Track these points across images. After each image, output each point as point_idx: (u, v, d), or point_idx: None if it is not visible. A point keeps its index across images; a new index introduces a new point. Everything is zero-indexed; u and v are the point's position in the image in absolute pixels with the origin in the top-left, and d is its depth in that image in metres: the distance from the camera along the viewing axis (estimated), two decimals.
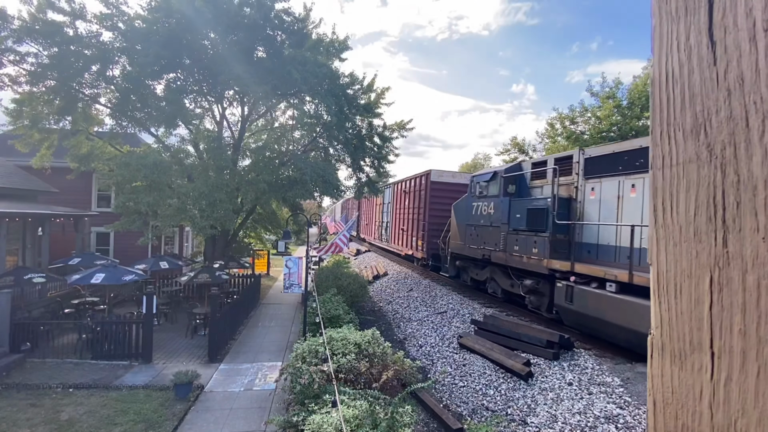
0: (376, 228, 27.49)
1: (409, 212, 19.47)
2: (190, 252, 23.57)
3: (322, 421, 5.26)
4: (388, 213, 24.04)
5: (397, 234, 21.69)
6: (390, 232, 23.28)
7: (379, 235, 26.27)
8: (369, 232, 30.62)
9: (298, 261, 11.16)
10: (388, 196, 23.85)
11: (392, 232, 22.76)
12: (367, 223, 31.22)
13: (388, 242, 23.90)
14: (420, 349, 10.45)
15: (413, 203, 18.76)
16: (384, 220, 25.07)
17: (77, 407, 7.60)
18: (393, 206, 22.67)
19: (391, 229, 23.17)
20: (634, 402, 6.31)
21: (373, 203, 28.40)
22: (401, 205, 20.91)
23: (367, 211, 31.16)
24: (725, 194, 0.67)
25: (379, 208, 26.49)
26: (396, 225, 21.88)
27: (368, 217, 31.05)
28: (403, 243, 20.57)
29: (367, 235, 31.28)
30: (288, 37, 13.85)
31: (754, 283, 0.62)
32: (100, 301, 13.30)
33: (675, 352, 0.76)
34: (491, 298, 12.77)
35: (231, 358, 10.41)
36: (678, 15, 0.75)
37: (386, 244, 24.30)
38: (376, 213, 27.58)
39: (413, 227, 18.69)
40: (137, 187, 13.43)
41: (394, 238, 22.20)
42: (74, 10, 12.32)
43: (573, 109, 23.66)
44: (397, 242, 21.59)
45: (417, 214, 18.19)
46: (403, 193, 20.46)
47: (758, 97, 0.62)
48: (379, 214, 26.56)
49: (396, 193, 22.11)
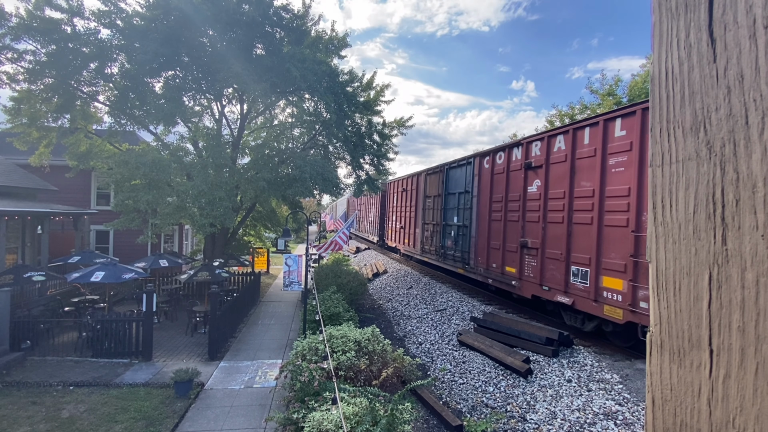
0: (418, 231, 17.66)
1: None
2: (189, 250, 23.57)
3: (322, 419, 5.27)
4: (466, 209, 12.92)
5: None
6: (476, 242, 12.28)
7: (430, 245, 16.01)
8: (401, 237, 20.42)
9: (297, 259, 11.16)
10: (466, 178, 13.05)
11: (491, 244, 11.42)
12: (402, 225, 20.22)
13: (471, 264, 12.54)
14: (420, 347, 10.47)
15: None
16: (448, 220, 14.27)
17: (78, 405, 7.62)
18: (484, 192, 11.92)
19: (474, 236, 12.36)
20: (633, 399, 6.33)
21: (410, 194, 18.82)
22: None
23: (399, 207, 20.85)
24: (724, 192, 0.67)
25: (436, 203, 15.31)
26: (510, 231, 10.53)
27: (399, 215, 20.93)
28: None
29: (399, 241, 21.00)
30: (287, 34, 13.80)
31: (752, 281, 0.62)
32: (99, 299, 13.31)
33: (674, 350, 0.76)
34: (490, 296, 12.79)
35: (231, 355, 10.43)
36: (678, 12, 0.75)
37: (463, 268, 13.02)
38: (417, 209, 17.71)
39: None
40: (136, 185, 13.42)
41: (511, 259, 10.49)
42: (72, 7, 12.26)
43: (572, 106, 23.65)
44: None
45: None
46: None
47: (758, 95, 0.62)
48: (431, 212, 15.85)
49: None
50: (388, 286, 17.56)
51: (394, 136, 17.63)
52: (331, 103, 13.88)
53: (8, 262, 13.61)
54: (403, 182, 20.30)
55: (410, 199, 18.79)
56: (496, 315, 10.28)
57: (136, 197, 12.83)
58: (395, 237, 21.87)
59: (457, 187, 13.66)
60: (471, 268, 12.59)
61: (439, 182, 15.17)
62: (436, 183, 15.55)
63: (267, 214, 20.79)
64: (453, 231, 13.75)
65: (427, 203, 16.43)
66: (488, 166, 11.89)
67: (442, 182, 14.81)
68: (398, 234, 21.14)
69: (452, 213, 13.98)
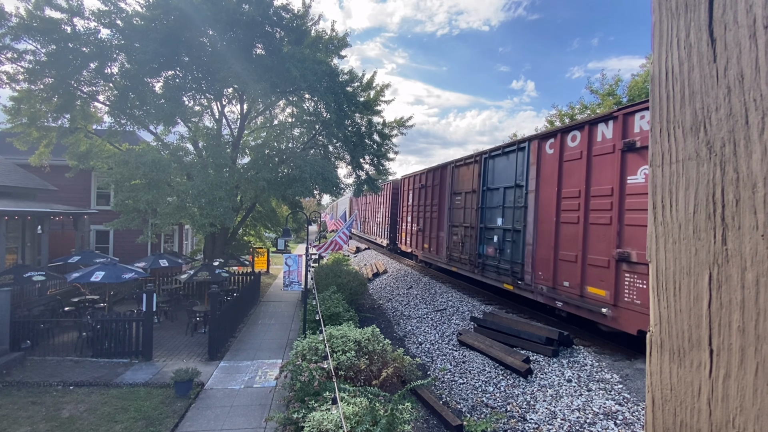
0: (442, 235, 14.82)
1: None
2: (189, 250, 23.58)
3: (322, 418, 5.28)
4: (517, 208, 10.33)
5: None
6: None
7: (460, 252, 13.25)
8: (419, 241, 17.50)
9: (297, 259, 11.17)
10: (516, 169, 10.44)
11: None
12: (420, 227, 17.30)
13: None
14: (420, 347, 10.47)
15: None
16: (487, 222, 11.68)
17: (78, 405, 7.62)
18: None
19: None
20: (633, 398, 6.33)
21: (432, 191, 16.03)
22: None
23: (417, 207, 17.75)
24: (724, 192, 0.67)
25: (469, 200, 12.78)
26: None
27: (416, 215, 17.84)
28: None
29: (416, 246, 17.89)
30: (287, 34, 13.80)
31: (752, 281, 0.62)
32: (100, 299, 13.32)
33: (674, 349, 0.76)
34: (490, 295, 12.79)
35: (231, 355, 10.44)
36: (678, 12, 0.75)
37: (512, 284, 10.39)
38: (442, 208, 14.99)
39: None
40: (136, 185, 13.42)
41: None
42: (72, 7, 12.27)
43: (572, 106, 23.65)
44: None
45: None
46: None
47: (758, 95, 0.62)
48: (462, 212, 13.23)
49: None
50: (388, 285, 17.55)
51: (394, 136, 17.65)
52: (331, 102, 13.89)
53: (8, 262, 13.61)
54: (421, 177, 17.63)
55: (431, 197, 16.16)
56: (496, 315, 10.28)
57: (136, 197, 12.84)
58: (411, 241, 18.91)
59: (502, 180, 11.20)
60: (525, 285, 9.87)
61: (473, 175, 12.74)
62: (469, 176, 13.07)
63: (267, 214, 20.81)
64: (496, 236, 11.26)
65: (455, 201, 14.01)
66: (553, 151, 9.20)
67: (478, 175, 12.39)
68: (415, 238, 18.18)
69: (494, 213, 11.47)
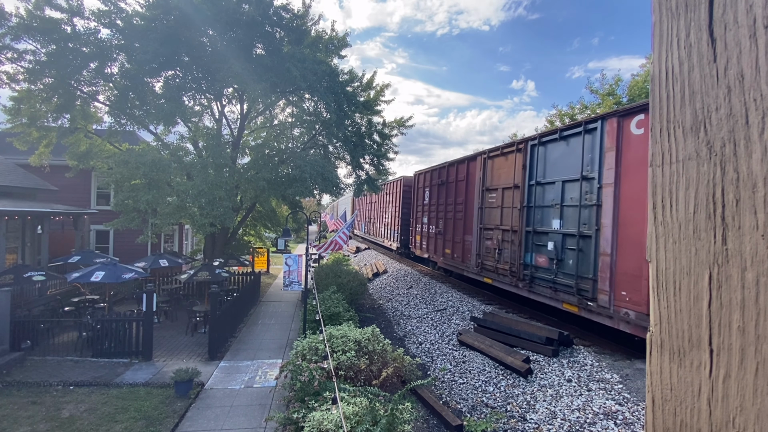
0: (469, 239, 13.01)
1: None
2: (189, 250, 23.58)
3: (322, 418, 5.28)
4: (584, 206, 8.48)
5: None
6: None
7: (495, 260, 11.41)
8: (438, 246, 15.55)
9: (297, 259, 11.17)
10: (583, 157, 8.58)
11: None
12: (440, 230, 15.42)
13: None
14: (420, 347, 10.47)
15: None
16: (537, 224, 9.87)
17: (78, 405, 7.62)
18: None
19: None
20: (633, 398, 6.33)
21: (456, 187, 14.20)
22: None
23: (436, 206, 15.84)
24: (725, 192, 0.67)
25: (509, 198, 10.99)
26: None
27: (435, 215, 15.92)
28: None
29: (434, 251, 15.91)
30: (287, 34, 13.80)
31: (753, 280, 0.62)
32: (100, 299, 13.32)
33: (674, 349, 0.76)
34: (490, 295, 12.79)
35: (231, 355, 10.44)
36: (678, 11, 0.75)
37: (577, 304, 8.49)
38: (469, 208, 13.12)
39: None
40: (136, 185, 13.42)
41: None
42: (72, 7, 12.27)
43: (572, 106, 23.65)
44: None
45: None
46: None
47: (758, 95, 0.62)
48: (499, 212, 11.33)
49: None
50: (388, 285, 17.56)
51: (394, 136, 17.65)
52: (331, 102, 13.88)
53: (8, 261, 13.61)
54: (440, 172, 15.67)
55: (454, 194, 14.26)
56: (496, 315, 10.28)
57: (136, 197, 12.84)
58: (428, 245, 16.79)
59: (558, 171, 9.22)
60: (600, 308, 7.84)
61: (514, 167, 10.68)
62: (507, 168, 11.07)
63: (267, 214, 20.80)
64: (552, 242, 9.24)
65: (488, 199, 11.95)
66: (643, 131, 7.12)
67: (521, 167, 10.33)
68: (433, 241, 16.05)
69: (548, 214, 9.50)
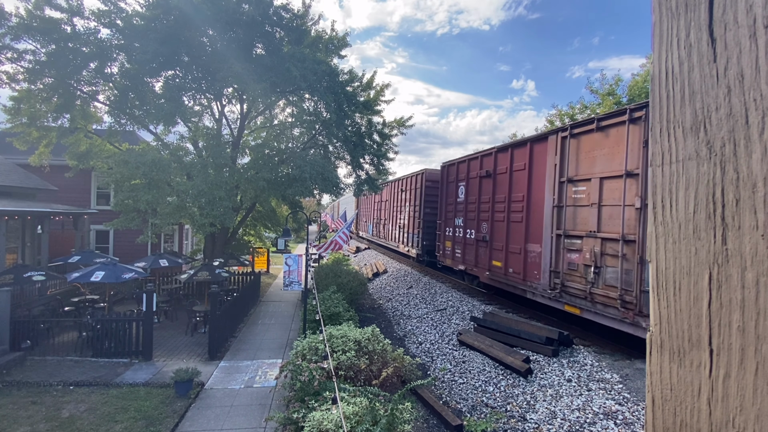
0: (540, 252, 9.66)
1: None
2: (189, 250, 23.57)
3: (322, 418, 5.28)
4: None
5: None
6: None
7: (593, 283, 7.95)
8: (483, 257, 12.33)
9: (297, 258, 11.17)
10: None
11: None
12: (483, 236, 12.25)
13: None
14: (420, 346, 10.47)
15: None
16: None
17: (78, 405, 7.62)
18: None
19: None
20: (633, 398, 6.33)
21: (510, 181, 10.97)
22: None
23: (476, 206, 12.68)
24: (724, 191, 0.67)
25: (609, 192, 7.71)
26: None
27: (474, 218, 12.80)
28: None
29: (476, 264, 12.75)
30: (287, 33, 13.80)
31: (753, 280, 0.62)
32: (99, 299, 13.32)
33: (674, 349, 0.76)
34: (490, 295, 12.79)
35: (231, 355, 10.44)
36: (678, 11, 0.75)
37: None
38: (535, 208, 9.95)
39: None
40: (136, 184, 13.42)
41: None
42: (72, 7, 12.27)
43: (572, 106, 23.65)
44: None
45: None
46: None
47: (758, 94, 0.62)
48: (587, 212, 8.20)
49: None
50: (388, 285, 17.56)
51: (394, 136, 17.64)
52: (331, 102, 13.88)
53: (8, 261, 13.61)
54: (482, 161, 12.40)
55: (507, 189, 11.01)
56: (496, 315, 10.28)
57: (136, 197, 12.84)
58: (464, 254, 13.54)
59: None
60: None
61: (627, 145, 7.37)
62: (611, 149, 7.77)
63: (267, 214, 20.79)
64: None
65: (571, 195, 8.73)
66: None
67: (638, 144, 7.22)
68: (472, 250, 12.85)
69: None
